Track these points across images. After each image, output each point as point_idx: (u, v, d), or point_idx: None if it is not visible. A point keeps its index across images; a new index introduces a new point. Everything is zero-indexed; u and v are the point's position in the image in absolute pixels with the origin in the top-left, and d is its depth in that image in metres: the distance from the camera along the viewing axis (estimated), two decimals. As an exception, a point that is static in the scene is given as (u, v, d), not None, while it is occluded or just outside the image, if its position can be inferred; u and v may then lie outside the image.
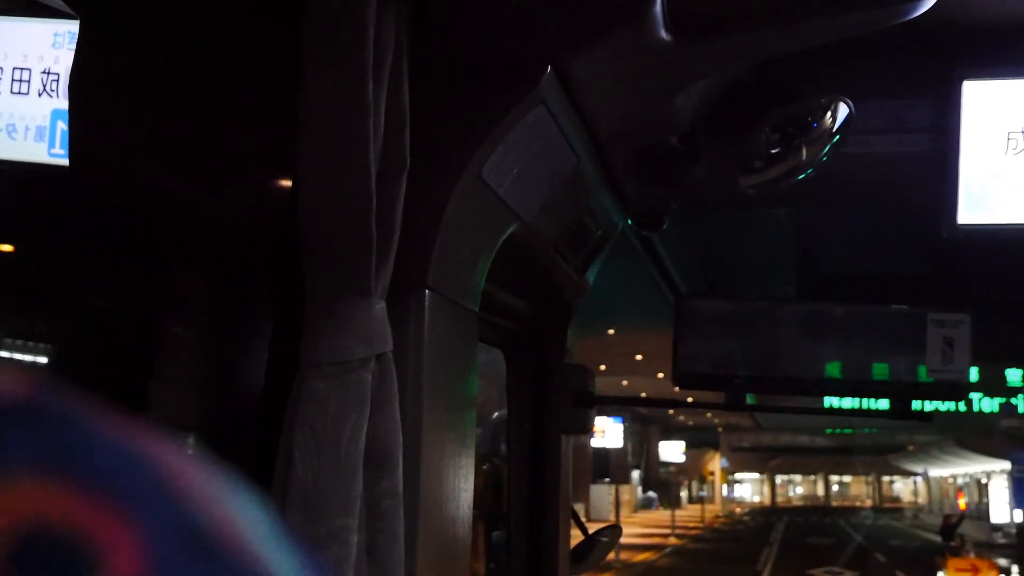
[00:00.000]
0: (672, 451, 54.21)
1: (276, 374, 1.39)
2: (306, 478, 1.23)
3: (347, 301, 1.28)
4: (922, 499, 61.96)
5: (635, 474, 47.86)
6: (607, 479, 40.41)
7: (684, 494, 53.44)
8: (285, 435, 1.26)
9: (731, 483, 66.82)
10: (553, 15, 1.50)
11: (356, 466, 1.26)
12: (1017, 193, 2.44)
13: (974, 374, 10.42)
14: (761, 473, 68.32)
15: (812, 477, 70.63)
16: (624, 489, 42.08)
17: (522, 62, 1.48)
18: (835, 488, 72.03)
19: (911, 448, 52.62)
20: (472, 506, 1.66)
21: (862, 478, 69.08)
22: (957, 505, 35.64)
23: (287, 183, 1.36)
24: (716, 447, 61.04)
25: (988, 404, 17.08)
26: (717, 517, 50.14)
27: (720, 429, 57.09)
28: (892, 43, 2.24)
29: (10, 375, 0.36)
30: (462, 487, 1.61)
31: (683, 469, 56.03)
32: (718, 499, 59.15)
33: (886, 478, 68.25)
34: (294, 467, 1.24)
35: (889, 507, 63.10)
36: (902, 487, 70.09)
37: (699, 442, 57.83)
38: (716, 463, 61.71)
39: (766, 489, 70.19)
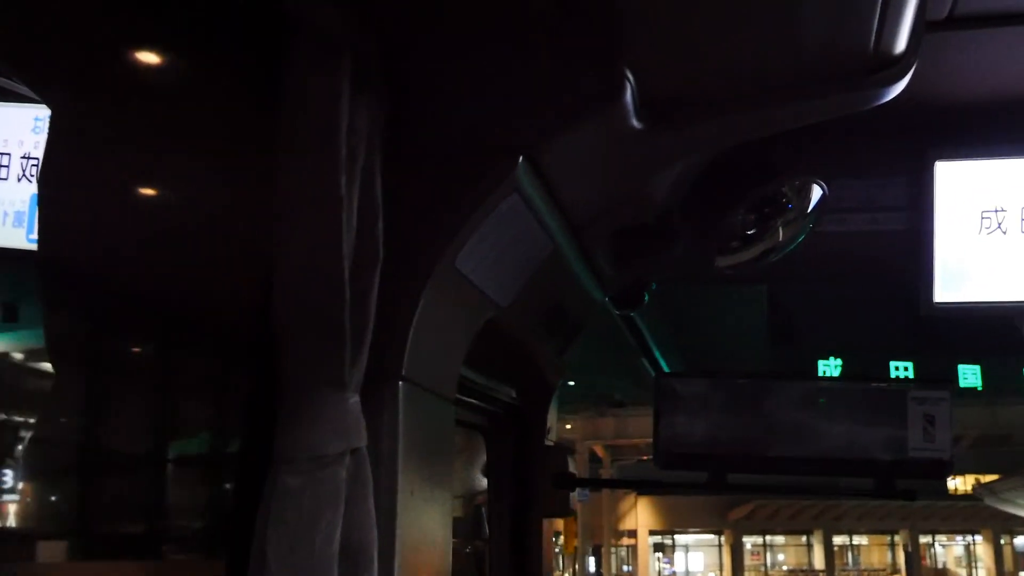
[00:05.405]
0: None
1: (249, 468, 1.37)
2: None
3: (321, 394, 1.27)
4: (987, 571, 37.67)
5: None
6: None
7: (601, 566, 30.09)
8: (259, 532, 1.23)
9: (666, 549, 39.52)
10: (524, 107, 1.52)
11: (330, 564, 1.23)
12: (992, 272, 2.45)
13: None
14: (717, 533, 38.75)
15: (803, 538, 39.33)
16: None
17: (495, 152, 1.49)
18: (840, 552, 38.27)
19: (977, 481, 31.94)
20: None
21: (885, 538, 39.11)
22: None
23: (261, 274, 1.36)
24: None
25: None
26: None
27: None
28: (866, 124, 2.27)
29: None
30: None
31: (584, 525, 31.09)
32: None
33: (925, 539, 38.93)
34: (267, 565, 1.21)
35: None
36: (941, 551, 40.03)
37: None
38: (639, 515, 36.69)
39: (726, 559, 38.81)
